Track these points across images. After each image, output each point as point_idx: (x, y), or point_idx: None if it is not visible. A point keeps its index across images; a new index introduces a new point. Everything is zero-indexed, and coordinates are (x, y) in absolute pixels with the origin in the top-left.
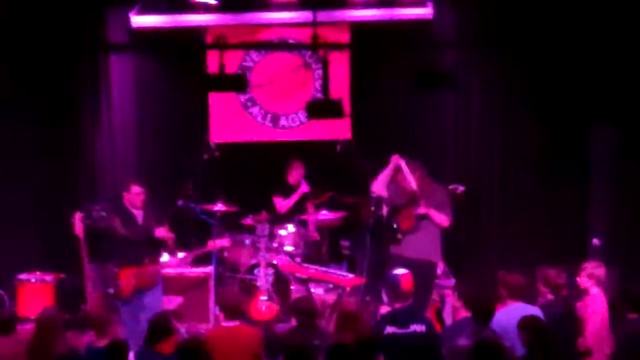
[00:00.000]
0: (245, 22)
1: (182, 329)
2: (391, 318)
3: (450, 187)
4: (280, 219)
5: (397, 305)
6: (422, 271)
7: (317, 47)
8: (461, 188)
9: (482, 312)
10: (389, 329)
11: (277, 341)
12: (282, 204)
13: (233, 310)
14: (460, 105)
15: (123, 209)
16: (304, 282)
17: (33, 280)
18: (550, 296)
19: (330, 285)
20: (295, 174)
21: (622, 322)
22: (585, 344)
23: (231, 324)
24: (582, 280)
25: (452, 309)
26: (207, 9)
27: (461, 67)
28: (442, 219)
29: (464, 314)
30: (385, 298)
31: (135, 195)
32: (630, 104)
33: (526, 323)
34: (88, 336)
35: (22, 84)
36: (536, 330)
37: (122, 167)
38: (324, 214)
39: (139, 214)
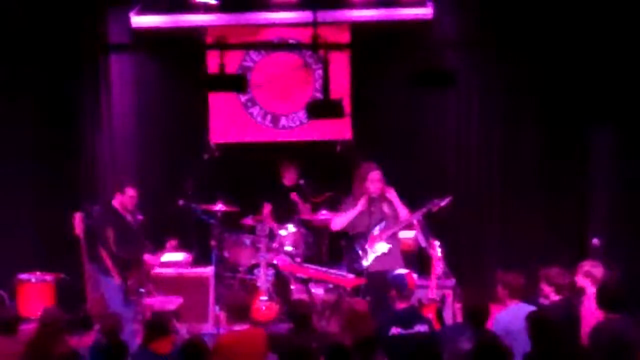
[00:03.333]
0: (245, 22)
1: (183, 329)
2: (395, 319)
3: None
4: (280, 219)
5: (401, 306)
6: None
7: (317, 47)
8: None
9: (477, 315)
10: (394, 330)
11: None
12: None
13: (241, 313)
14: (460, 105)
15: (117, 216)
16: (304, 282)
17: (33, 280)
18: (554, 296)
19: (330, 285)
20: (289, 176)
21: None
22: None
23: (242, 327)
24: (579, 280)
25: (453, 312)
26: (207, 9)
27: (461, 67)
28: (404, 209)
29: None
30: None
31: (129, 197)
32: (630, 105)
33: (533, 318)
34: (89, 337)
35: (22, 84)
36: (543, 325)
37: (122, 167)
38: (324, 214)
39: (129, 217)
